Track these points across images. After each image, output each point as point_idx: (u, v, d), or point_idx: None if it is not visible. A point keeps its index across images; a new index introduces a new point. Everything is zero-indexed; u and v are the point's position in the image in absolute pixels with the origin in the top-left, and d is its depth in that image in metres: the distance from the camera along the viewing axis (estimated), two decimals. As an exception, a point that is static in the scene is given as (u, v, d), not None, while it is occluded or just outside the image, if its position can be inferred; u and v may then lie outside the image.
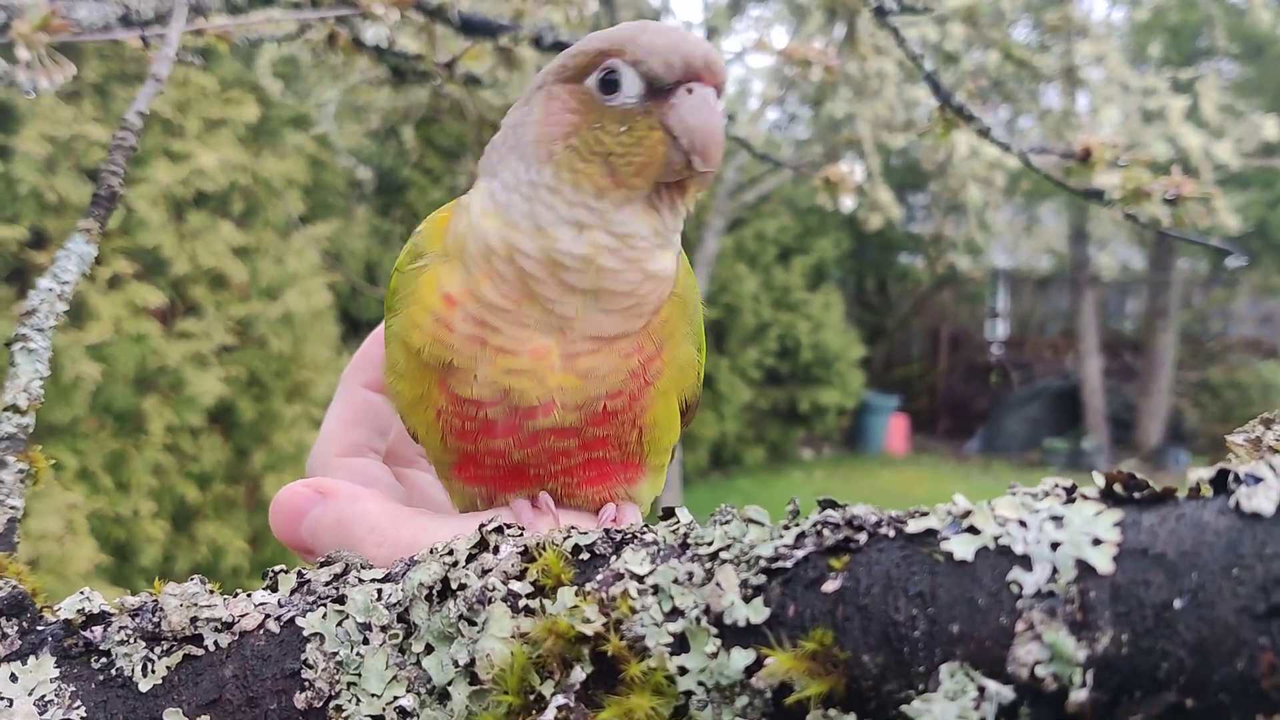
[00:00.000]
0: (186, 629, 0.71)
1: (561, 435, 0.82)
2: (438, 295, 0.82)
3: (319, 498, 0.84)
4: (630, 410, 0.83)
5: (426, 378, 0.83)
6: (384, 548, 0.79)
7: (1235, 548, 0.50)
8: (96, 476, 5.36)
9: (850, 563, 0.58)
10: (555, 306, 0.79)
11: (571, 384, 0.80)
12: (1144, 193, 1.62)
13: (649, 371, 0.83)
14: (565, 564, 0.66)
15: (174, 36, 1.30)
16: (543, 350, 0.80)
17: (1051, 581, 0.52)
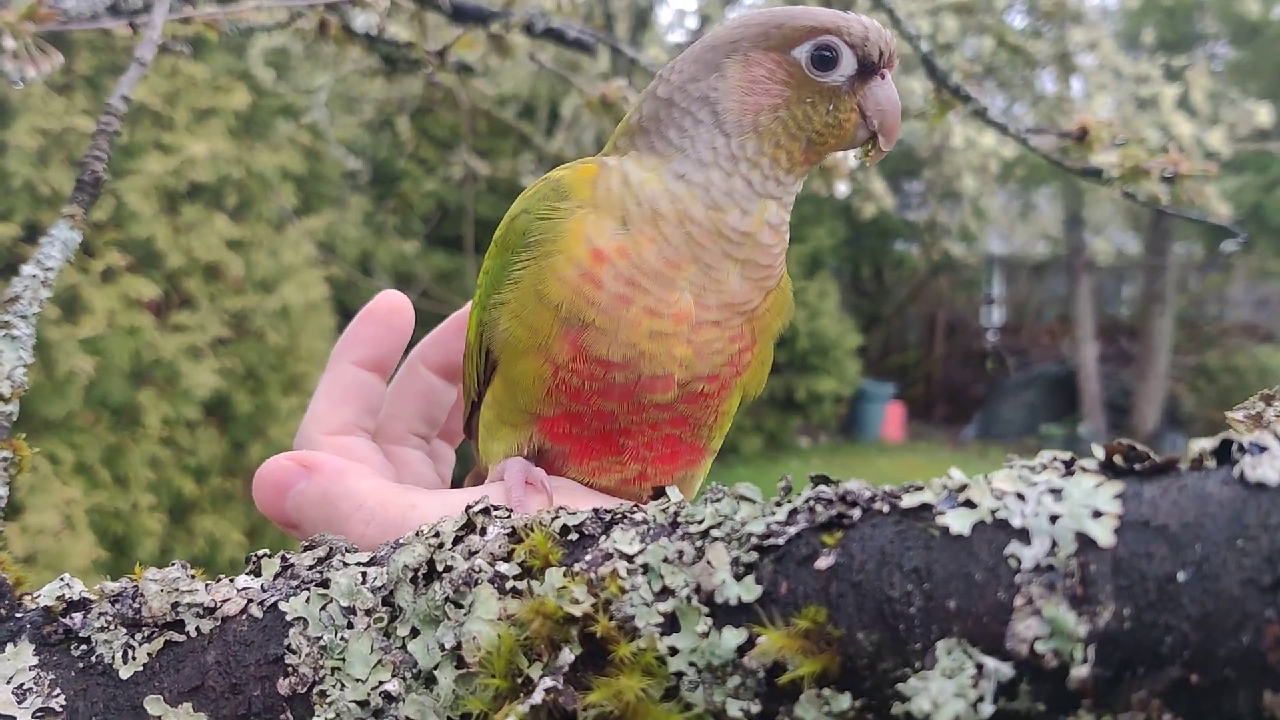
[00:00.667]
0: (168, 615, 0.69)
1: (660, 409, 0.83)
2: (585, 248, 0.81)
3: (304, 471, 0.82)
4: (717, 396, 0.85)
5: (553, 331, 0.82)
6: (371, 525, 0.78)
7: (1240, 518, 0.48)
8: (94, 470, 5.35)
9: (844, 539, 0.56)
10: (712, 272, 0.81)
11: (689, 359, 0.82)
12: (1142, 170, 1.61)
13: (741, 362, 0.85)
14: (553, 544, 0.64)
15: (158, 19, 1.29)
16: (686, 313, 0.81)
17: (1051, 555, 0.50)
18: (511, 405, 0.87)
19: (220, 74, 6.11)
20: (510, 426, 0.88)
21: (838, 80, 0.83)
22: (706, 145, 0.83)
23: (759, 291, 0.84)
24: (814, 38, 0.82)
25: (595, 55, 4.91)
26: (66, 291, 5.27)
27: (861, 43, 0.82)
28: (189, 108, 5.87)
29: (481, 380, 0.92)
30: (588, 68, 6.68)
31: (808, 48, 0.82)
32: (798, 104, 0.82)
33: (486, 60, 2.83)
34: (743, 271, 0.83)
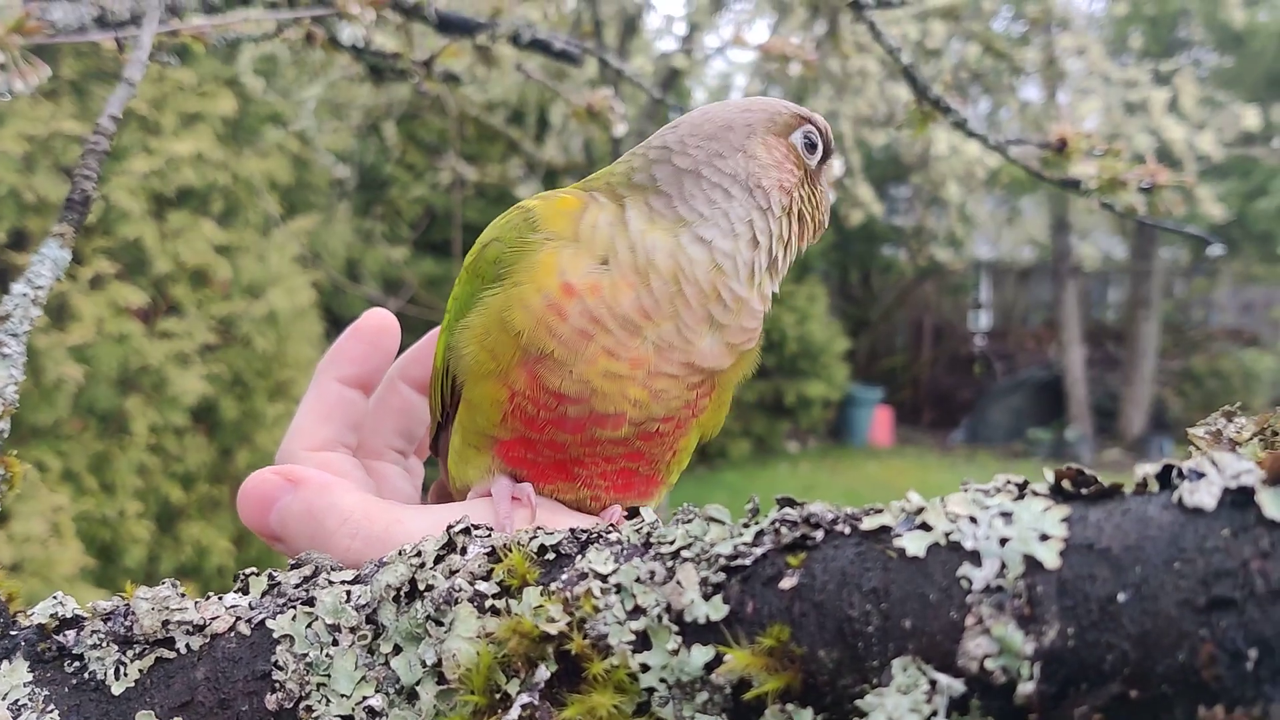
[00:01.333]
0: (158, 632, 0.72)
1: (615, 444, 0.85)
2: (556, 280, 0.83)
3: (289, 486, 0.83)
4: (673, 435, 0.88)
5: (513, 358, 0.83)
6: (356, 540, 0.80)
7: (1177, 542, 0.51)
8: (81, 478, 5.35)
9: (807, 560, 0.59)
10: (686, 331, 0.84)
11: (644, 400, 0.84)
12: (1120, 182, 1.64)
13: (698, 406, 0.88)
14: (531, 564, 0.67)
15: (147, 40, 1.31)
16: (641, 361, 0.83)
17: (1000, 577, 0.53)
18: (473, 428, 0.89)
19: (207, 79, 6.12)
20: (475, 449, 0.90)
21: (815, 164, 0.91)
22: (741, 219, 0.87)
23: (731, 355, 0.87)
24: (802, 125, 0.90)
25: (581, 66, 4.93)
26: (55, 299, 5.27)
27: (825, 129, 0.91)
28: (176, 112, 5.87)
29: (447, 403, 0.94)
30: (576, 75, 6.70)
31: (800, 133, 0.90)
32: (805, 183, 0.90)
33: (473, 70, 2.86)
34: (721, 335, 0.86)
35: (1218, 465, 0.53)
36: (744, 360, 0.92)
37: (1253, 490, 0.51)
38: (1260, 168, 12.00)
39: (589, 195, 0.89)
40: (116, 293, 5.50)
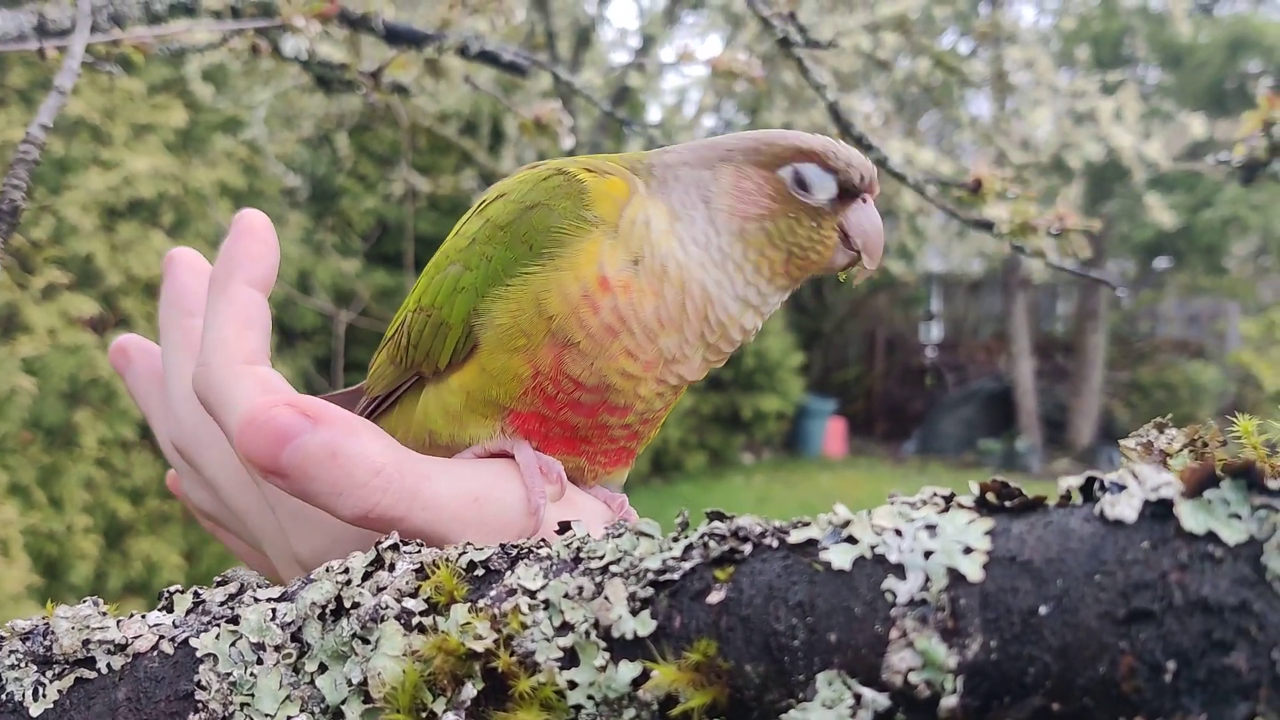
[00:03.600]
0: (78, 651, 0.70)
1: (621, 428, 0.89)
2: (596, 272, 0.83)
3: (309, 422, 0.76)
4: (660, 418, 0.93)
5: (543, 339, 0.83)
6: (388, 495, 0.75)
7: (1098, 554, 0.51)
8: (29, 492, 5.26)
9: (735, 573, 0.59)
10: (686, 347, 0.86)
11: (652, 397, 0.88)
12: (1030, 227, 1.67)
13: (680, 390, 0.92)
14: (459, 580, 0.66)
15: (78, 48, 1.28)
16: (653, 364, 0.85)
17: (924, 590, 0.53)
18: (482, 396, 0.87)
19: (157, 87, 6.05)
20: (479, 415, 0.88)
21: (819, 200, 0.88)
22: (701, 230, 0.87)
23: (705, 370, 0.91)
24: (798, 160, 0.87)
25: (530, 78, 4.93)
26: (5, 309, 5.19)
27: (845, 168, 0.88)
28: (127, 123, 5.81)
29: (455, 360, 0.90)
30: (529, 87, 6.69)
31: (791, 169, 0.88)
32: (783, 218, 0.87)
33: (421, 82, 2.84)
34: (705, 354, 0.89)
35: (1138, 477, 0.53)
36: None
37: (1172, 502, 0.51)
38: (1205, 181, 12.24)
39: (633, 180, 0.89)
40: (69, 303, 5.43)
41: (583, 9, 8.15)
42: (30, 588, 4.95)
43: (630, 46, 9.83)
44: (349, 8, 2.73)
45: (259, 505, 0.91)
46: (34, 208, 5.48)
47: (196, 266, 1.02)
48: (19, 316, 5.22)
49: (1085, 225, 1.68)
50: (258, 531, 0.92)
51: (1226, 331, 15.99)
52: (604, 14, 8.42)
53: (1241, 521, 0.49)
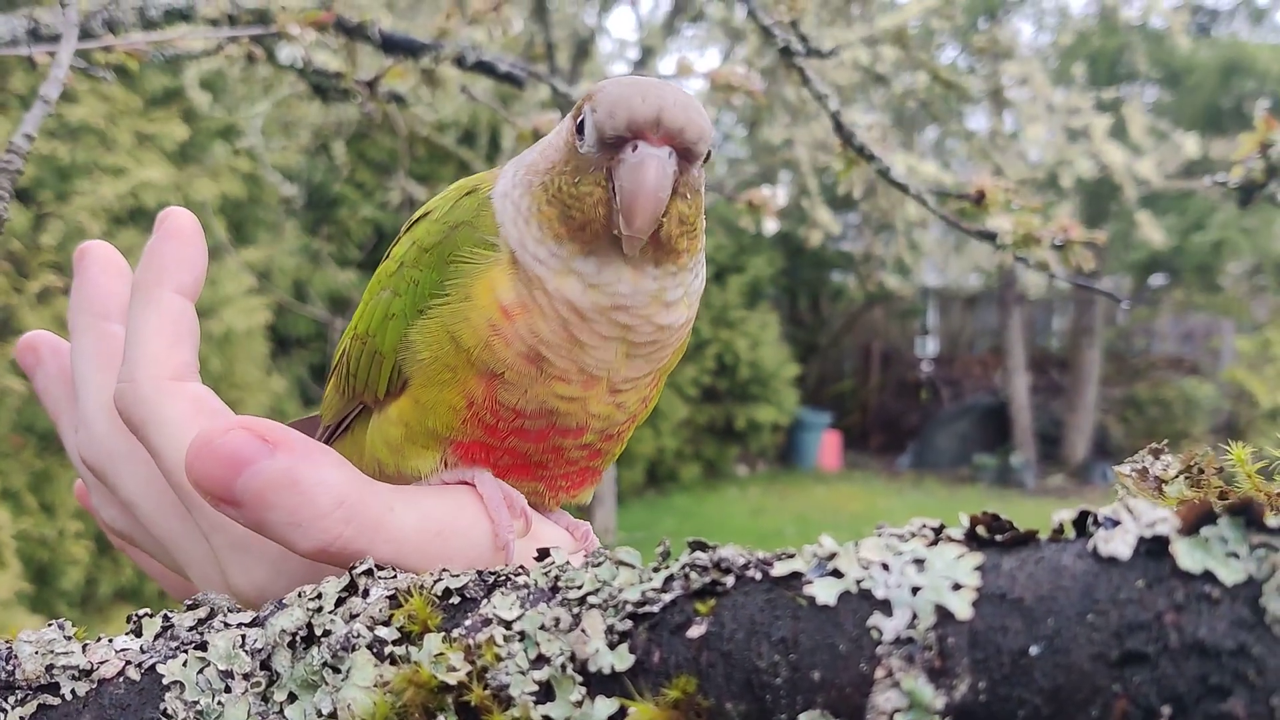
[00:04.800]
0: (42, 677, 0.68)
1: (579, 449, 0.83)
2: (496, 303, 0.77)
3: (266, 448, 0.71)
4: (628, 430, 0.87)
5: (469, 371, 0.78)
6: (350, 526, 0.71)
7: (1091, 593, 0.49)
8: (21, 496, 5.23)
9: (716, 607, 0.57)
10: (595, 352, 0.78)
11: (609, 413, 0.81)
12: (1034, 238, 1.65)
13: (649, 399, 0.86)
14: (433, 609, 0.64)
15: (64, 57, 1.27)
16: (594, 380, 0.79)
17: (911, 627, 0.51)
18: (422, 428, 0.83)
19: (157, 100, 6.05)
20: (422, 447, 0.83)
21: (590, 151, 0.75)
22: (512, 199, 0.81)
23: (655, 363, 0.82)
24: (587, 104, 0.76)
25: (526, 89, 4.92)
26: (1, 312, 5.18)
27: (596, 109, 0.74)
28: (130, 130, 5.80)
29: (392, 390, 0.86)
30: (527, 97, 6.68)
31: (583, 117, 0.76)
32: (561, 170, 0.77)
33: (418, 91, 2.83)
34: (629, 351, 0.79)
35: (1133, 513, 0.51)
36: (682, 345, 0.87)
37: (1168, 540, 0.49)
38: (1198, 202, 12.25)
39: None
40: (63, 307, 5.41)
41: (582, 20, 8.16)
42: (19, 594, 4.92)
43: (629, 58, 9.83)
44: (345, 16, 2.72)
45: (185, 531, 0.85)
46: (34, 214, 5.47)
47: (112, 265, 0.96)
48: (13, 320, 5.20)
49: (1089, 237, 1.66)
50: (183, 559, 0.86)
51: (1221, 349, 16.00)
52: (603, 25, 8.41)
53: (1239, 561, 0.48)
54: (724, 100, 2.81)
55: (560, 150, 0.78)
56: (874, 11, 7.34)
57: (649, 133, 0.73)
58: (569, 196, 0.75)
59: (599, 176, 0.74)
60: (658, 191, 0.72)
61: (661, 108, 0.72)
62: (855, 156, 1.72)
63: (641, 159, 0.72)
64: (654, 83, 0.74)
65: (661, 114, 0.72)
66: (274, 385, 6.73)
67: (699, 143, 0.74)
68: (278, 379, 6.90)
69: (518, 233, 0.78)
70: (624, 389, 0.81)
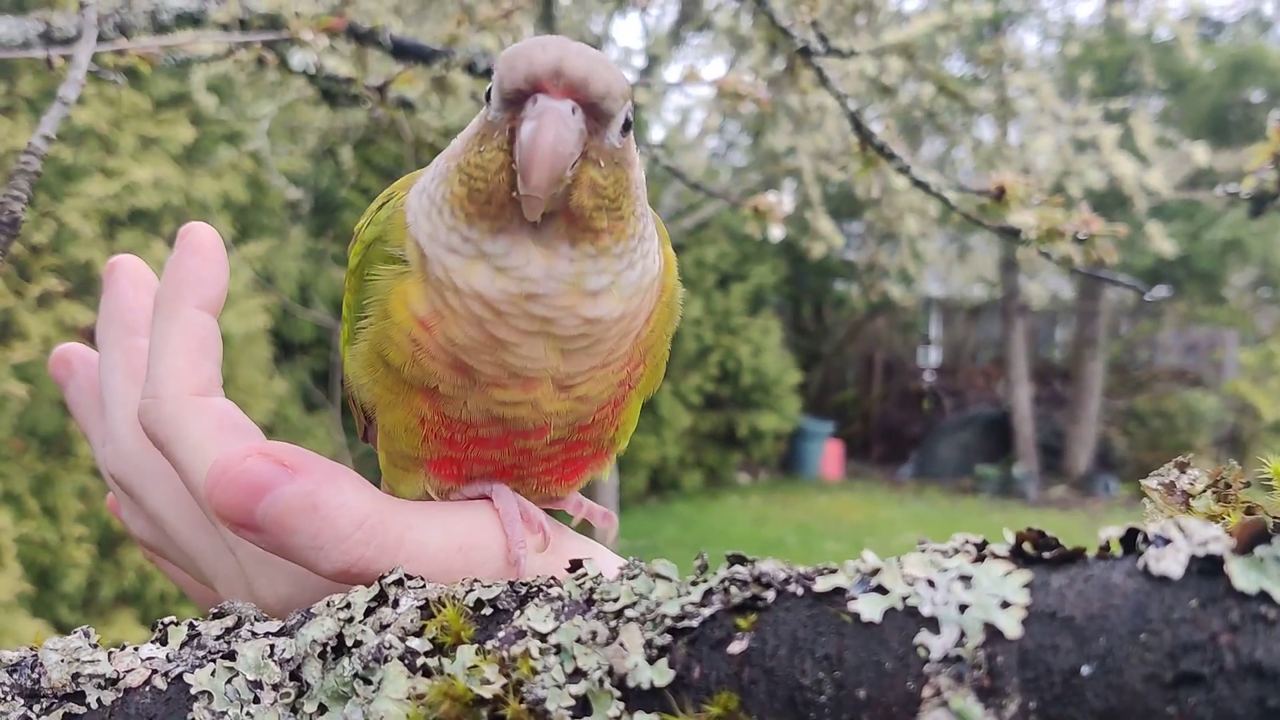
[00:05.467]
0: (67, 686, 0.67)
1: (549, 446, 0.79)
2: (411, 317, 0.74)
3: (285, 473, 0.70)
4: (611, 417, 0.81)
5: (409, 390, 0.76)
6: (370, 548, 0.70)
7: (1143, 612, 0.48)
8: (23, 500, 5.23)
9: (757, 622, 0.56)
10: (520, 350, 0.72)
11: (568, 408, 0.76)
12: (1058, 232, 1.65)
13: (633, 379, 0.80)
14: (466, 620, 0.63)
15: (82, 59, 1.26)
16: (533, 384, 0.74)
17: (959, 645, 0.50)
18: (395, 451, 0.81)
19: (164, 102, 6.05)
20: (403, 470, 0.82)
21: (494, 114, 0.70)
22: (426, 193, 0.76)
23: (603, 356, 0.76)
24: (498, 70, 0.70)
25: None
26: (0, 315, 5.17)
27: (506, 67, 0.68)
28: (134, 134, 5.80)
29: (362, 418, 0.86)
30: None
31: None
32: (471, 144, 0.72)
33: (427, 97, 2.83)
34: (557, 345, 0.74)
35: (1184, 531, 0.51)
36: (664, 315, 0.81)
37: (1221, 559, 0.48)
38: (1204, 211, 12.25)
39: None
40: (65, 311, 5.41)
41: (588, 28, 8.16)
42: (21, 596, 4.91)
43: (635, 66, 9.84)
44: (357, 22, 2.72)
45: (214, 546, 0.84)
46: (34, 214, 5.45)
47: (140, 278, 0.95)
48: (14, 324, 5.20)
49: (1111, 231, 1.66)
50: (209, 571, 0.86)
51: (1224, 361, 15.99)
52: (610, 33, 8.42)
53: (1296, 581, 0.47)
54: (732, 108, 2.81)
55: (474, 125, 0.73)
56: (880, 23, 7.34)
57: (549, 84, 0.67)
58: (473, 167, 0.70)
59: (502, 140, 0.69)
60: (556, 144, 0.66)
61: (562, 57, 0.67)
62: (875, 156, 1.71)
63: (540, 110, 0.67)
64: (559, 38, 0.69)
65: (562, 63, 0.67)
66: (276, 389, 6.73)
67: (606, 98, 0.68)
68: (280, 383, 6.89)
69: (430, 225, 0.73)
70: (576, 384, 0.75)
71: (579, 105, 0.67)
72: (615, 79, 0.68)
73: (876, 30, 7.05)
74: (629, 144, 0.72)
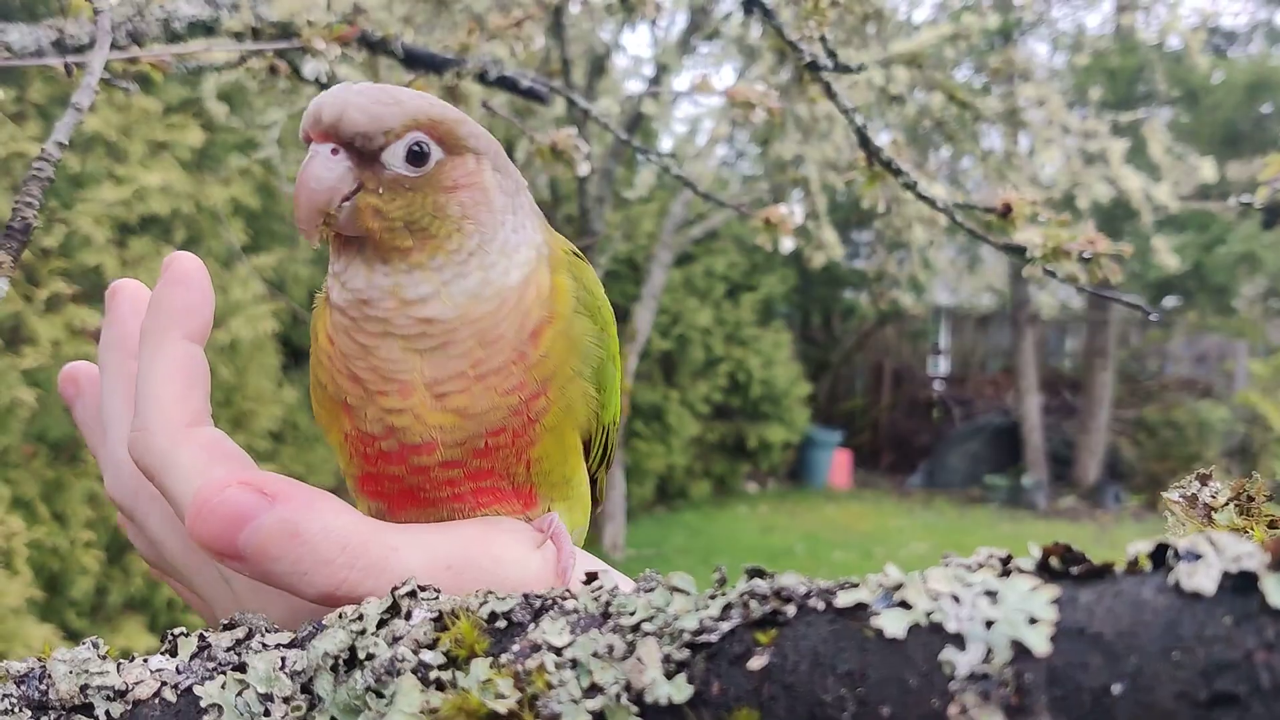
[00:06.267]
0: (76, 698, 0.66)
1: (446, 467, 0.81)
2: (325, 334, 0.83)
3: (266, 501, 0.72)
4: (514, 445, 0.81)
5: (335, 407, 0.82)
6: (354, 570, 0.71)
7: (1174, 629, 0.47)
8: (32, 506, 5.24)
9: (778, 637, 0.55)
10: (380, 351, 0.79)
11: (450, 422, 0.79)
12: (1063, 251, 1.64)
13: (532, 409, 0.81)
14: (480, 633, 0.62)
15: (96, 66, 1.26)
16: (408, 389, 0.78)
17: (986, 663, 0.49)
18: (343, 471, 0.87)
19: (174, 107, 6.07)
20: (351, 491, 0.87)
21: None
22: None
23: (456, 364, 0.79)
24: None
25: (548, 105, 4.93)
26: (9, 320, 5.19)
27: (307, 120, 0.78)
28: (144, 140, 5.82)
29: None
30: (543, 113, 6.68)
31: None
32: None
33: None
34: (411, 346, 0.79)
35: (1216, 546, 0.49)
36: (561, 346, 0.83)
37: (1255, 575, 0.47)
38: (1217, 221, 12.22)
39: None
40: (73, 315, 5.42)
41: (598, 36, 8.17)
42: (30, 601, 4.92)
43: (644, 75, 9.85)
44: (369, 31, 2.72)
45: (209, 572, 0.86)
46: (43, 219, 5.47)
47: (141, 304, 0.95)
48: (23, 328, 5.21)
49: (1116, 249, 1.65)
50: (206, 595, 0.87)
51: (1235, 371, 15.94)
52: (619, 41, 8.42)
53: (1333, 599, 0.46)
54: (743, 117, 2.80)
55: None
56: (889, 33, 7.34)
57: (312, 131, 0.77)
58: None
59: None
60: (309, 183, 0.76)
61: (321, 106, 0.76)
62: (881, 170, 1.70)
63: (310, 156, 0.77)
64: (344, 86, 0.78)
65: (320, 111, 0.76)
66: (286, 397, 6.72)
67: (359, 136, 0.76)
68: (290, 390, 6.89)
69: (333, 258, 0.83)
70: (448, 392, 0.78)
71: (340, 146, 0.77)
72: (373, 117, 0.76)
73: (886, 40, 7.05)
74: (442, 169, 0.79)
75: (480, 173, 0.82)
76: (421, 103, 0.78)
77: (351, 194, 0.77)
